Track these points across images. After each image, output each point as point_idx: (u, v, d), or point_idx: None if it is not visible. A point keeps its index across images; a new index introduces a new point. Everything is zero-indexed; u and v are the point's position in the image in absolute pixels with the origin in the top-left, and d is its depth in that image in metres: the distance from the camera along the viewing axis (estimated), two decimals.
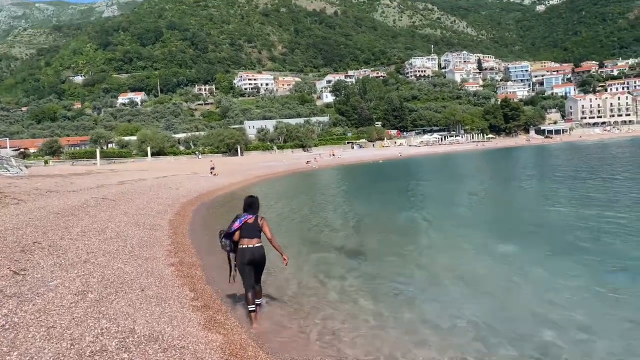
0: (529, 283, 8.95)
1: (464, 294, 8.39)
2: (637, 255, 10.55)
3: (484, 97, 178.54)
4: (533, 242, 12.29)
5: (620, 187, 23.99)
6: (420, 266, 10.48)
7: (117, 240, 10.93)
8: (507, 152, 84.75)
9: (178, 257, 10.48)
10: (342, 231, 15.65)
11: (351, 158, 77.75)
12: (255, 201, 7.68)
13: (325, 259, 11.41)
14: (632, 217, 14.92)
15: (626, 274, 9.24)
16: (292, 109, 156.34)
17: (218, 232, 7.90)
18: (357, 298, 8.33)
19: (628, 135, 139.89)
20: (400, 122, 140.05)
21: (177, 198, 23.74)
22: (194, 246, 12.35)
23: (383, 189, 31.11)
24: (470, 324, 6.96)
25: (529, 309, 7.53)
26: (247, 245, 7.28)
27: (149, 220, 15.46)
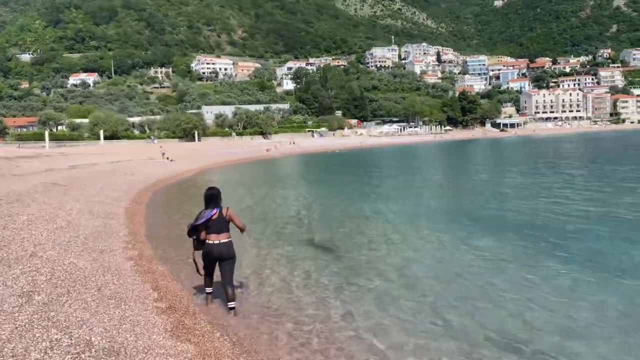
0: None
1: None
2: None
3: (443, 89, 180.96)
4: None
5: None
6: (386, 258, 10.09)
7: (69, 231, 9.91)
8: (466, 145, 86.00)
9: (137, 249, 9.60)
10: (306, 224, 14.93)
11: (312, 147, 77.03)
12: (217, 193, 7.11)
13: (292, 253, 10.69)
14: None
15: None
16: (251, 95, 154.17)
17: (187, 227, 7.26)
18: (326, 296, 7.70)
19: (578, 131, 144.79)
20: (361, 112, 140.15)
21: (133, 184, 22.53)
22: (153, 237, 11.46)
23: (346, 179, 30.58)
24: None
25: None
26: (214, 241, 6.85)
27: (103, 208, 14.38)
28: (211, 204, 6.99)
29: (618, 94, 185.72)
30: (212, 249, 6.83)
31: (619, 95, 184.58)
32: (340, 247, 11.05)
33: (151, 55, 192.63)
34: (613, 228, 12.50)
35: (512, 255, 10.10)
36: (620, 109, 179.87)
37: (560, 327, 6.43)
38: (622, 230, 12.19)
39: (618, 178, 24.88)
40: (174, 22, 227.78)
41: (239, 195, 21.68)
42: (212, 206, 6.97)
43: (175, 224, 13.53)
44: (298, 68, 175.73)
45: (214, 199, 7.03)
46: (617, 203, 16.36)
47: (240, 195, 21.53)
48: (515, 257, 10.00)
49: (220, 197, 7.13)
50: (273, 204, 18.85)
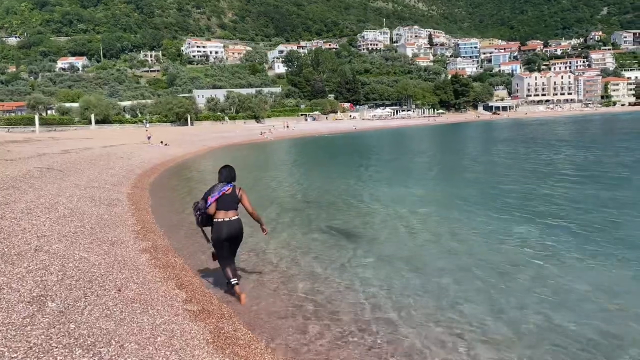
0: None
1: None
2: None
3: (435, 72, 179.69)
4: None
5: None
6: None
7: (73, 220, 8.97)
8: (460, 128, 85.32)
9: (149, 239, 8.69)
10: (309, 207, 14.04)
11: (305, 130, 75.97)
12: (232, 171, 6.87)
13: (303, 239, 9.81)
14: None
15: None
16: (242, 78, 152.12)
17: (193, 205, 6.94)
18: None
19: (570, 114, 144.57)
20: (353, 96, 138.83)
21: (131, 169, 21.49)
22: (162, 225, 10.54)
23: (347, 163, 29.66)
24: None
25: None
26: (224, 218, 6.50)
27: (105, 194, 13.39)
28: (226, 180, 6.69)
29: (609, 77, 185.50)
30: (222, 227, 6.45)
31: (610, 78, 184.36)
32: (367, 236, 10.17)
33: (140, 38, 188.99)
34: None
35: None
36: (611, 92, 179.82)
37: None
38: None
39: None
40: (163, 5, 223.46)
41: (243, 179, 20.74)
42: (226, 182, 6.68)
43: (182, 210, 12.65)
44: (290, 51, 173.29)
45: (230, 175, 6.76)
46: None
47: (245, 180, 20.59)
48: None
49: (235, 174, 6.85)
50: (284, 189, 17.92)
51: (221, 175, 6.71)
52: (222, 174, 6.71)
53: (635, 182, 16.65)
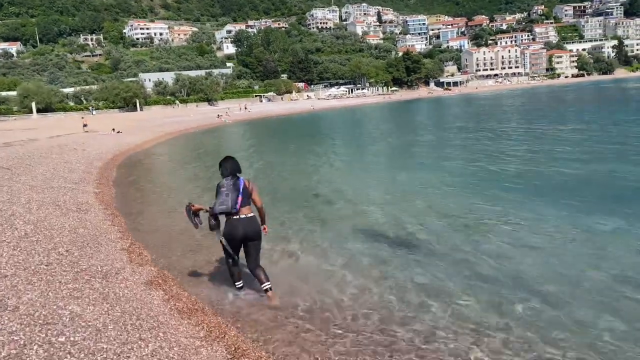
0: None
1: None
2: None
3: (385, 50, 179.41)
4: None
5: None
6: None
7: (39, 241, 6.90)
8: (415, 104, 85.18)
9: (148, 261, 6.79)
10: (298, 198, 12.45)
11: (263, 112, 73.56)
12: (236, 162, 6.04)
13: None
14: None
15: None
16: (190, 60, 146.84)
17: (185, 207, 6.09)
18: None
19: (518, 87, 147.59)
20: (307, 75, 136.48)
21: (90, 162, 19.16)
22: (153, 235, 8.63)
23: (319, 145, 28.07)
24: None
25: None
26: (239, 216, 5.73)
27: (69, 196, 11.30)
28: (232, 172, 5.88)
29: (553, 50, 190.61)
30: (237, 226, 5.70)
31: (553, 51, 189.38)
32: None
33: (79, 21, 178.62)
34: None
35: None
36: (555, 64, 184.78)
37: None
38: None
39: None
40: None
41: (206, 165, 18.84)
42: (233, 175, 5.86)
43: (166, 211, 10.77)
44: (238, 31, 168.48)
45: (235, 166, 5.95)
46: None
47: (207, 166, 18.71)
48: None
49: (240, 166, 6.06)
50: (267, 174, 16.16)
51: (225, 169, 5.87)
52: (225, 167, 5.89)
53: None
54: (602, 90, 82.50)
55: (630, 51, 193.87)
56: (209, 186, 14.15)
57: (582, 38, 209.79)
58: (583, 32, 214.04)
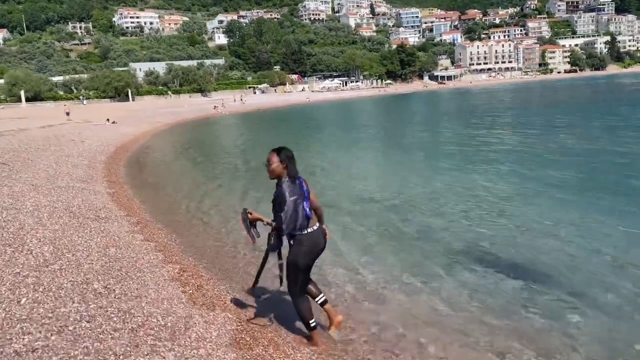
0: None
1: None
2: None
3: (379, 42, 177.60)
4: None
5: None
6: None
7: (66, 272, 5.18)
8: (414, 98, 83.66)
9: (223, 305, 5.09)
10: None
11: (259, 104, 71.70)
12: (294, 155, 4.36)
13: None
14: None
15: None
16: (182, 50, 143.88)
17: (241, 215, 4.51)
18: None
19: (512, 81, 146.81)
20: (300, 67, 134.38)
21: (92, 155, 17.43)
22: (209, 255, 6.99)
23: (350, 137, 26.46)
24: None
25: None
26: (313, 227, 4.35)
27: (80, 198, 9.64)
28: (293, 171, 4.28)
29: (546, 45, 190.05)
30: (316, 241, 4.36)
31: (546, 46, 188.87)
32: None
33: (67, 8, 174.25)
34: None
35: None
36: (548, 59, 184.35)
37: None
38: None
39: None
40: None
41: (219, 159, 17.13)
42: (293, 174, 4.28)
43: (204, 221, 9.13)
44: (230, 21, 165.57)
45: (294, 162, 4.35)
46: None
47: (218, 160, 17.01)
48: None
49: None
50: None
51: (292, 168, 4.26)
52: (292, 164, 4.28)
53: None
54: (604, 87, 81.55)
55: (623, 47, 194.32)
56: (247, 187, 12.55)
57: (575, 33, 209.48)
58: (576, 28, 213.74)
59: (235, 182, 13.95)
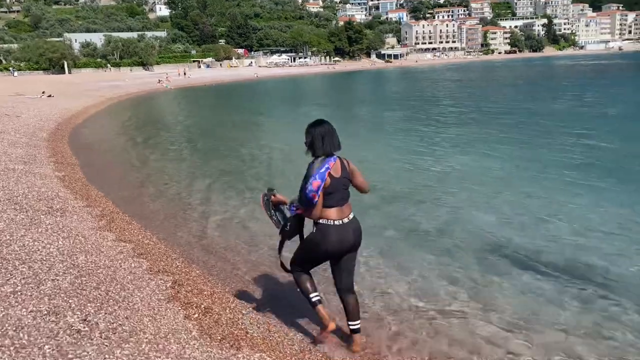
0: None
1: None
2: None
3: (326, 18, 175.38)
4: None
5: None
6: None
7: (26, 300, 3.74)
8: (363, 75, 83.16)
9: (237, 333, 3.77)
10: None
11: (205, 78, 68.73)
12: (333, 130, 3.61)
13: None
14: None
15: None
16: (120, 21, 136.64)
17: (263, 197, 3.92)
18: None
19: (455, 61, 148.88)
20: (246, 41, 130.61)
21: (32, 132, 15.38)
22: (204, 252, 5.80)
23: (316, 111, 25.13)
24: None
25: None
26: (336, 220, 3.55)
27: (25, 185, 7.98)
28: (327, 147, 3.54)
29: (487, 26, 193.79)
30: (332, 234, 3.53)
31: (488, 27, 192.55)
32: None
33: None
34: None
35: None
36: (490, 40, 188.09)
37: None
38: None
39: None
40: None
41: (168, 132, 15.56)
42: (328, 150, 3.55)
43: (187, 205, 7.78)
44: None
45: (334, 137, 3.60)
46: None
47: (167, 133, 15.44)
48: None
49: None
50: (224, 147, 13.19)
51: (326, 144, 3.55)
52: (326, 139, 3.57)
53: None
54: (548, 68, 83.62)
55: (558, 30, 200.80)
56: (214, 165, 11.13)
57: (515, 15, 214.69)
58: (515, 10, 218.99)
59: (199, 158, 12.61)
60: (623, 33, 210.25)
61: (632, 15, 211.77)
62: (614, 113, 19.58)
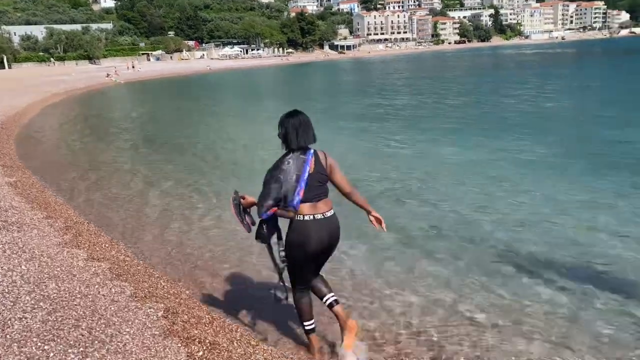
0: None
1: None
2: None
3: (277, 10, 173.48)
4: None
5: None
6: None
7: None
8: (318, 67, 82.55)
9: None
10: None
11: (156, 72, 66.49)
12: (309, 121, 3.38)
13: None
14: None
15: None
16: (63, 13, 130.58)
17: (232, 201, 3.50)
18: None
19: (407, 52, 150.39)
20: (196, 33, 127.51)
21: None
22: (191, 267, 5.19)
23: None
24: None
25: None
26: (313, 214, 3.26)
27: None
28: (302, 139, 3.31)
29: (437, 16, 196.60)
30: (311, 230, 3.25)
31: (438, 18, 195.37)
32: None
33: None
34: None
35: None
36: (440, 31, 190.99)
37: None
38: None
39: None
40: None
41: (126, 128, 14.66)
42: (303, 143, 3.32)
43: (153, 206, 7.03)
44: None
45: (309, 129, 3.36)
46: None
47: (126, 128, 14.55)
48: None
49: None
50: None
51: (295, 136, 3.28)
52: (295, 131, 3.28)
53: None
54: (497, 57, 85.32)
55: (505, 20, 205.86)
56: (174, 162, 10.35)
57: (463, 6, 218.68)
58: (464, 0, 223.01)
59: (160, 157, 11.81)
60: (565, 23, 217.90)
61: (573, 5, 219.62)
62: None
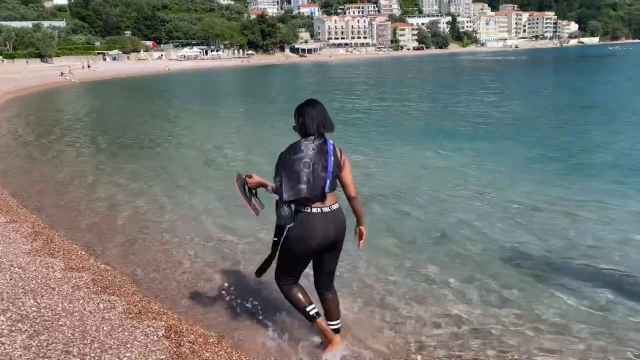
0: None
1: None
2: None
3: (237, 11, 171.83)
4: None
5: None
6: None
7: None
8: (278, 69, 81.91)
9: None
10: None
11: (112, 71, 64.48)
12: (325, 111, 3.23)
13: None
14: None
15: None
16: (12, 10, 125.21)
17: (237, 180, 3.34)
18: None
19: (368, 57, 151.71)
20: (154, 33, 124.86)
21: None
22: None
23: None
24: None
25: None
26: (321, 207, 3.13)
27: None
28: (321, 126, 3.16)
29: (396, 22, 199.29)
30: (318, 223, 3.11)
31: (397, 24, 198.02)
32: None
33: None
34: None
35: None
36: (399, 37, 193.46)
37: None
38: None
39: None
40: None
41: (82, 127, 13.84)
42: (320, 135, 3.18)
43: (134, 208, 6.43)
44: None
45: (324, 117, 3.20)
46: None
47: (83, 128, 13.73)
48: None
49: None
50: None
51: (310, 123, 3.14)
52: (310, 118, 3.14)
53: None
54: (456, 63, 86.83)
55: (462, 28, 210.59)
56: (143, 160, 9.68)
57: (421, 13, 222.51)
58: (422, 7, 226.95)
59: (125, 156, 11.12)
60: (518, 32, 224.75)
61: (525, 15, 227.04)
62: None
